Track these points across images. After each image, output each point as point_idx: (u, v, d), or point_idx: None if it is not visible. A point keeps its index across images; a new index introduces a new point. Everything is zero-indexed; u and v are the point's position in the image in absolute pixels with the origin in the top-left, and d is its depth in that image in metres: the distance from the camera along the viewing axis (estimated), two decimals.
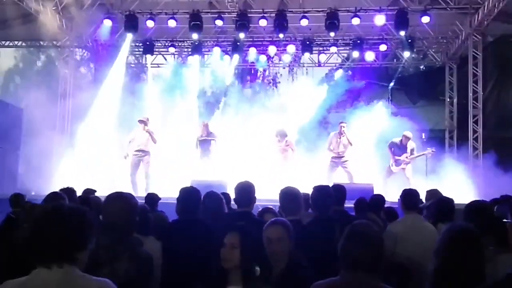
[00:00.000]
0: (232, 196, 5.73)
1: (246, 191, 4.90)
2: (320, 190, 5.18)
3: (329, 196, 5.17)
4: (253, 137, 15.02)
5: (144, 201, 7.18)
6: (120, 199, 3.62)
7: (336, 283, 3.04)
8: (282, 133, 14.20)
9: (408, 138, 13.72)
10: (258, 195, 5.08)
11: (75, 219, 2.60)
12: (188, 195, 4.89)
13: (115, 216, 3.42)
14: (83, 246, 2.59)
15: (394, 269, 4.63)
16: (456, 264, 2.93)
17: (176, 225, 4.85)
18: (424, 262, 4.13)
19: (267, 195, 8.30)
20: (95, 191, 7.66)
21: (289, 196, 4.60)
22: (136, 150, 13.87)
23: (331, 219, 5.10)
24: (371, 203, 6.83)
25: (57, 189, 6.28)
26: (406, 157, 13.50)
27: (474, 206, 4.37)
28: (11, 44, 18.90)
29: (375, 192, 10.60)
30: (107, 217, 3.49)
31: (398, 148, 13.69)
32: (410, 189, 6.12)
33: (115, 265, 2.85)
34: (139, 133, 13.98)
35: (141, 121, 13.94)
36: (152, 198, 7.13)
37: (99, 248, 3.11)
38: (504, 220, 4.13)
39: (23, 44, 19.73)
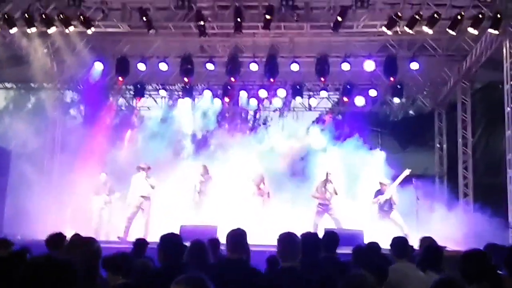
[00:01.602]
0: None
1: (238, 239, 4.85)
2: (307, 237, 5.17)
3: (317, 243, 5.15)
4: (242, 181, 15.00)
5: (132, 246, 7.16)
6: (80, 244, 3.60)
7: None
8: (258, 179, 14.26)
9: (384, 185, 13.81)
10: (250, 240, 5.05)
11: (64, 276, 2.55)
12: (169, 242, 4.83)
13: (76, 261, 3.38)
14: None
15: None
16: None
17: (159, 272, 4.78)
18: None
19: (256, 240, 8.24)
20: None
21: (288, 242, 4.55)
22: (139, 196, 13.95)
23: (320, 265, 5.08)
24: (369, 252, 6.79)
25: (43, 234, 6.19)
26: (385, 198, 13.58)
27: (470, 254, 4.38)
28: (1, 86, 18.95)
29: (365, 238, 10.58)
30: None
31: (380, 194, 13.80)
32: (399, 237, 6.12)
33: None
34: (139, 179, 14.03)
35: (140, 168, 14.06)
36: (140, 244, 7.07)
37: None
38: (499, 271, 4.15)
39: (14, 86, 19.79)
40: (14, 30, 13.55)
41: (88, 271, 3.46)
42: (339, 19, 13.03)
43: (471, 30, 12.75)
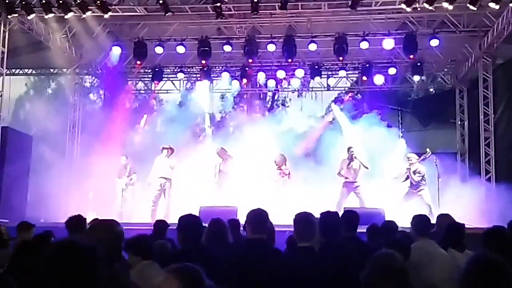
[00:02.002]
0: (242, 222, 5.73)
1: (259, 218, 4.83)
2: (327, 217, 5.14)
3: (337, 223, 5.12)
4: (262, 162, 15.02)
5: (153, 228, 7.22)
6: (102, 227, 3.63)
7: None
8: (280, 160, 14.23)
9: (411, 161, 13.68)
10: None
11: (87, 259, 2.57)
12: (188, 223, 4.84)
13: (99, 244, 3.41)
14: (93, 286, 2.55)
15: None
16: None
17: (178, 254, 4.80)
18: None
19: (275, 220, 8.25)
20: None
21: (304, 222, 4.53)
22: (158, 177, 14.13)
23: (340, 245, 5.06)
24: (383, 229, 6.75)
25: (66, 218, 6.24)
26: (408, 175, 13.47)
27: (495, 232, 4.32)
28: (21, 72, 19.09)
29: (386, 217, 10.54)
30: None
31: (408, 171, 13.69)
32: (421, 215, 6.08)
33: None
34: (161, 160, 14.19)
35: (164, 148, 14.30)
36: (160, 226, 7.11)
37: None
38: None
39: (33, 71, 19.96)
40: (31, 16, 13.66)
41: (110, 254, 3.49)
42: None
43: (492, 4, 12.52)
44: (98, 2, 13.21)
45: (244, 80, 17.76)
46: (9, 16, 13.69)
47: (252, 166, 14.82)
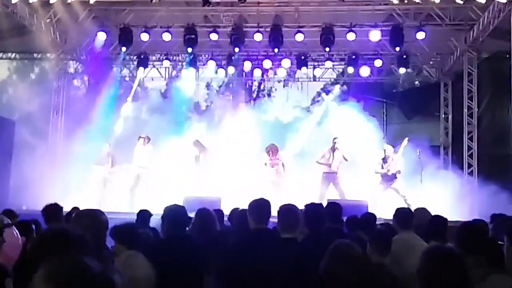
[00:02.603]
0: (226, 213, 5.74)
1: (261, 208, 4.79)
2: (311, 208, 5.17)
3: (321, 214, 5.15)
4: (246, 152, 15.03)
5: (136, 217, 7.22)
6: (87, 215, 3.63)
7: None
8: (273, 149, 14.21)
9: (387, 152, 13.68)
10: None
11: (74, 247, 2.55)
12: (173, 213, 4.85)
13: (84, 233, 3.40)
14: None
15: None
16: (441, 285, 2.86)
17: (163, 243, 4.81)
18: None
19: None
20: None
21: (288, 213, 4.54)
22: (136, 166, 14.21)
23: (323, 237, 5.08)
24: (363, 221, 6.80)
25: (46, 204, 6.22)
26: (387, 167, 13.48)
27: (468, 226, 4.37)
28: (4, 56, 18.93)
29: (369, 209, 10.62)
30: None
31: (385, 163, 13.66)
32: (403, 208, 6.15)
33: None
34: (139, 149, 14.21)
35: (141, 137, 14.38)
36: (143, 215, 7.11)
37: None
38: (500, 242, 4.14)
39: (17, 56, 19.75)
40: (16, 0, 13.49)
41: (96, 243, 3.49)
42: None
43: None
44: None
45: (231, 69, 17.76)
46: None
47: (236, 155, 14.83)
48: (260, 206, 4.65)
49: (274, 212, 4.65)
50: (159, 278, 4.31)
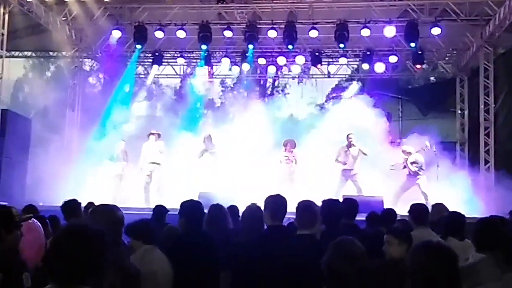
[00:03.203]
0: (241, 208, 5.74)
1: (278, 204, 4.79)
2: (329, 204, 5.17)
3: (338, 210, 5.15)
4: (261, 148, 15.03)
5: (152, 213, 7.27)
6: (104, 211, 3.67)
7: None
8: (291, 143, 14.23)
9: (407, 152, 13.64)
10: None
11: (94, 244, 2.59)
12: (190, 208, 4.90)
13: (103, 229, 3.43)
14: (97, 269, 2.57)
15: None
16: (433, 282, 2.80)
17: (182, 238, 4.85)
18: None
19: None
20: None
21: (306, 210, 4.54)
22: (148, 163, 14.17)
23: (341, 233, 5.08)
24: (383, 217, 6.80)
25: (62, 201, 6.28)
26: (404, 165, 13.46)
27: (484, 221, 4.35)
28: (20, 54, 19.06)
29: (385, 205, 10.59)
30: None
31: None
32: (418, 204, 6.13)
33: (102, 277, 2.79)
34: (150, 146, 14.24)
35: (152, 134, 14.25)
36: (159, 211, 7.16)
37: None
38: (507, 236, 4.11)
39: (33, 54, 19.91)
40: None
41: (113, 238, 3.53)
42: None
43: None
44: None
45: (245, 66, 17.77)
46: None
47: (250, 152, 14.82)
48: (277, 203, 4.66)
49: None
50: (177, 272, 4.35)
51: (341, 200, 7.07)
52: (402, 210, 8.51)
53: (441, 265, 2.82)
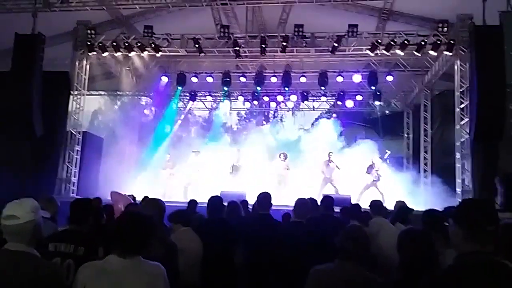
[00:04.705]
0: (251, 202, 5.79)
1: (265, 198, 4.84)
2: (312, 201, 5.17)
3: (307, 205, 5.15)
4: (265, 160, 15.07)
5: (187, 205, 7.29)
6: (152, 202, 3.70)
7: (334, 269, 2.98)
8: (285, 155, 14.29)
9: (374, 162, 13.65)
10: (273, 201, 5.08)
11: (148, 225, 2.61)
12: (213, 201, 4.93)
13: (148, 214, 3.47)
14: (148, 243, 2.59)
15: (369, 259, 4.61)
16: (416, 256, 2.84)
17: (208, 222, 4.88)
18: (388, 252, 4.10)
19: (278, 202, 8.27)
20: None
21: (302, 205, 4.57)
22: (191, 171, 14.40)
23: (320, 220, 5.10)
24: (352, 209, 6.79)
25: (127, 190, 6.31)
26: (376, 171, 13.39)
27: (430, 212, 4.35)
28: (96, 93, 19.21)
29: (352, 201, 10.57)
30: None
31: (371, 169, 13.62)
32: (376, 200, 6.14)
33: (150, 249, 2.85)
34: (192, 159, 14.38)
35: (194, 151, 14.71)
36: (192, 203, 7.19)
37: None
38: (445, 223, 4.09)
39: (105, 93, 20.05)
40: (105, 54, 13.79)
41: (158, 221, 3.56)
42: (336, 44, 12.99)
43: (431, 52, 12.63)
44: (153, 44, 13.34)
45: (254, 102, 17.83)
46: (89, 54, 13.84)
47: (257, 162, 14.86)
48: (263, 197, 4.73)
49: (277, 201, 4.72)
50: (205, 247, 4.38)
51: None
52: (365, 205, 8.52)
53: (420, 242, 2.90)
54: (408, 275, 2.79)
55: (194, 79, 15.89)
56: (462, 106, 12.32)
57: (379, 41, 12.64)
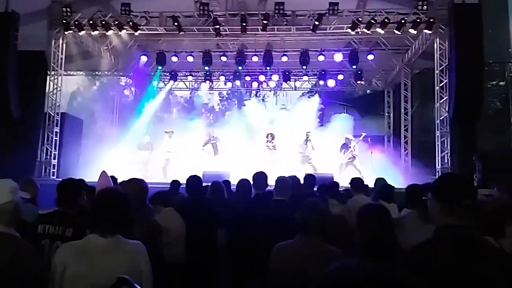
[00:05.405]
0: (234, 182, 5.79)
1: (260, 177, 4.71)
2: (293, 179, 5.19)
3: (299, 183, 5.20)
4: (248, 139, 15.07)
5: (169, 186, 7.26)
6: (134, 182, 3.69)
7: (294, 244, 3.02)
8: (272, 135, 14.31)
9: (349, 139, 13.75)
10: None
11: (126, 202, 2.59)
12: (191, 181, 4.91)
13: (131, 193, 3.46)
14: (128, 222, 2.58)
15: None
16: (374, 232, 2.77)
17: (189, 202, 4.88)
18: None
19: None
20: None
21: (282, 183, 4.56)
22: (166, 152, 14.23)
23: (302, 198, 5.14)
24: (330, 187, 6.86)
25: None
26: (351, 151, 13.52)
27: (412, 188, 4.41)
28: (74, 73, 18.83)
29: (334, 180, 10.66)
30: None
31: (346, 147, 13.72)
32: (356, 177, 6.21)
33: (133, 229, 2.84)
34: (166, 140, 14.28)
35: (166, 132, 14.43)
36: (175, 183, 7.16)
37: None
38: (424, 197, 4.17)
39: (83, 73, 19.67)
40: (82, 33, 13.47)
41: (140, 201, 3.54)
42: (316, 23, 12.93)
43: (411, 30, 12.66)
44: (131, 23, 13.07)
45: (236, 82, 17.73)
46: (66, 32, 13.50)
47: (240, 142, 14.85)
48: (260, 177, 4.70)
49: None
50: (187, 226, 4.39)
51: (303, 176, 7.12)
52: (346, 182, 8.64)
53: (379, 218, 2.86)
54: (367, 251, 2.78)
55: (174, 59, 15.68)
56: (441, 84, 12.48)
57: (360, 19, 12.62)
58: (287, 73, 16.90)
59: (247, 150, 14.41)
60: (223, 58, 15.68)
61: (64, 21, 13.08)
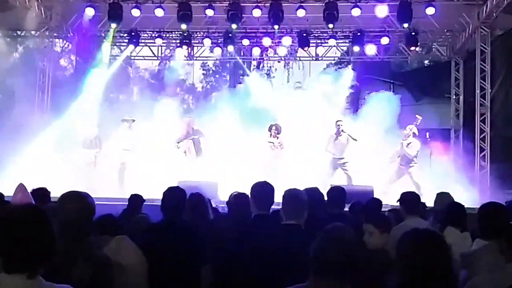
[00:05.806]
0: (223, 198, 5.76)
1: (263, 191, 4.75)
2: (311, 193, 5.12)
3: (321, 199, 5.13)
4: (244, 135, 15.03)
5: (127, 203, 7.21)
6: (74, 199, 3.63)
7: None
8: (277, 128, 14.26)
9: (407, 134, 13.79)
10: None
11: (45, 224, 2.54)
12: (172, 195, 4.87)
13: (69, 217, 3.39)
14: (50, 254, 2.53)
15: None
16: (424, 271, 2.74)
17: (157, 226, 4.82)
18: None
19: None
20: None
21: (293, 199, 4.49)
22: (122, 150, 14.20)
23: (324, 222, 5.09)
24: (368, 206, 6.81)
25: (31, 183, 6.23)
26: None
27: (488, 207, 4.36)
28: None
29: (376, 194, 10.65)
30: (61, 218, 3.41)
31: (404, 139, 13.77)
32: (409, 192, 6.15)
33: (71, 269, 2.74)
34: (123, 132, 14.24)
35: (126, 120, 14.32)
36: (135, 200, 7.09)
37: None
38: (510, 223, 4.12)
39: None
40: None
41: (82, 227, 3.50)
42: None
43: None
44: None
45: (228, 48, 17.68)
46: None
47: (233, 139, 14.81)
48: (263, 191, 4.62)
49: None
50: (153, 263, 4.34)
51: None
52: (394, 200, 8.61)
53: (427, 251, 2.79)
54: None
55: (136, 12, 15.62)
56: None
57: None
58: (304, 34, 16.87)
59: (243, 149, 14.39)
60: (209, 12, 15.62)
61: None
